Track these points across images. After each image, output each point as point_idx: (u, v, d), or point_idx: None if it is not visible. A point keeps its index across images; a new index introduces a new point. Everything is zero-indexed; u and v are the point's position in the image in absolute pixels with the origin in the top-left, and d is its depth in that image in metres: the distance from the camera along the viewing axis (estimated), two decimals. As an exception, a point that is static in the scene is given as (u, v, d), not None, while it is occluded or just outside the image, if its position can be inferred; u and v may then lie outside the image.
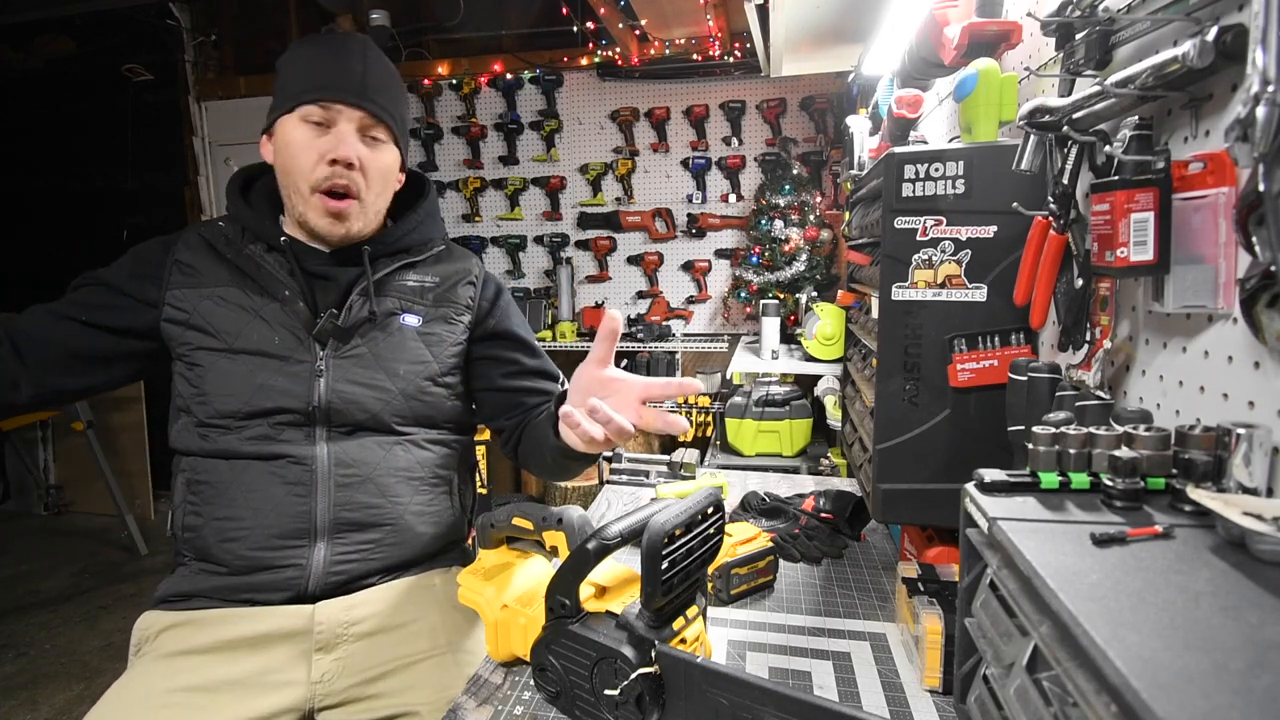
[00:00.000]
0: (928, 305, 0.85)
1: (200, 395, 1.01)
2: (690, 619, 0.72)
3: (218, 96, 3.90)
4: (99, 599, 3.02)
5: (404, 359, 1.06)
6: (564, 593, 0.70)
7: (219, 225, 1.08)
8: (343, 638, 0.98)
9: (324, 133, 1.00)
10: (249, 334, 1.01)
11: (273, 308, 1.03)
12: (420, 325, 1.09)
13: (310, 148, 0.99)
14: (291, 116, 1.00)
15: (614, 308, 3.59)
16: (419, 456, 1.07)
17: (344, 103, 0.99)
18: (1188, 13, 0.58)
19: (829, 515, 1.25)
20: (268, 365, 1.00)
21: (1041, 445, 0.51)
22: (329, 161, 0.99)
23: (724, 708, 0.62)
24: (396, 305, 1.08)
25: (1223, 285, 0.57)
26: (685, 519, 0.67)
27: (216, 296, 1.03)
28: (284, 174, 1.03)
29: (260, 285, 1.04)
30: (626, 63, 3.37)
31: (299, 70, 1.02)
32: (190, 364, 1.02)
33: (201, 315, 1.02)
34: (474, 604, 0.85)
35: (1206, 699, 0.27)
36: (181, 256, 1.05)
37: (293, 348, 1.02)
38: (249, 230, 1.06)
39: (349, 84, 1.00)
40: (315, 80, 0.99)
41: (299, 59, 1.03)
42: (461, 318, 1.13)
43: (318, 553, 0.99)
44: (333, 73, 1.00)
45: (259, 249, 1.05)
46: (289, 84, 1.01)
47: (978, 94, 0.86)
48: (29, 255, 4.35)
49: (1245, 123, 0.45)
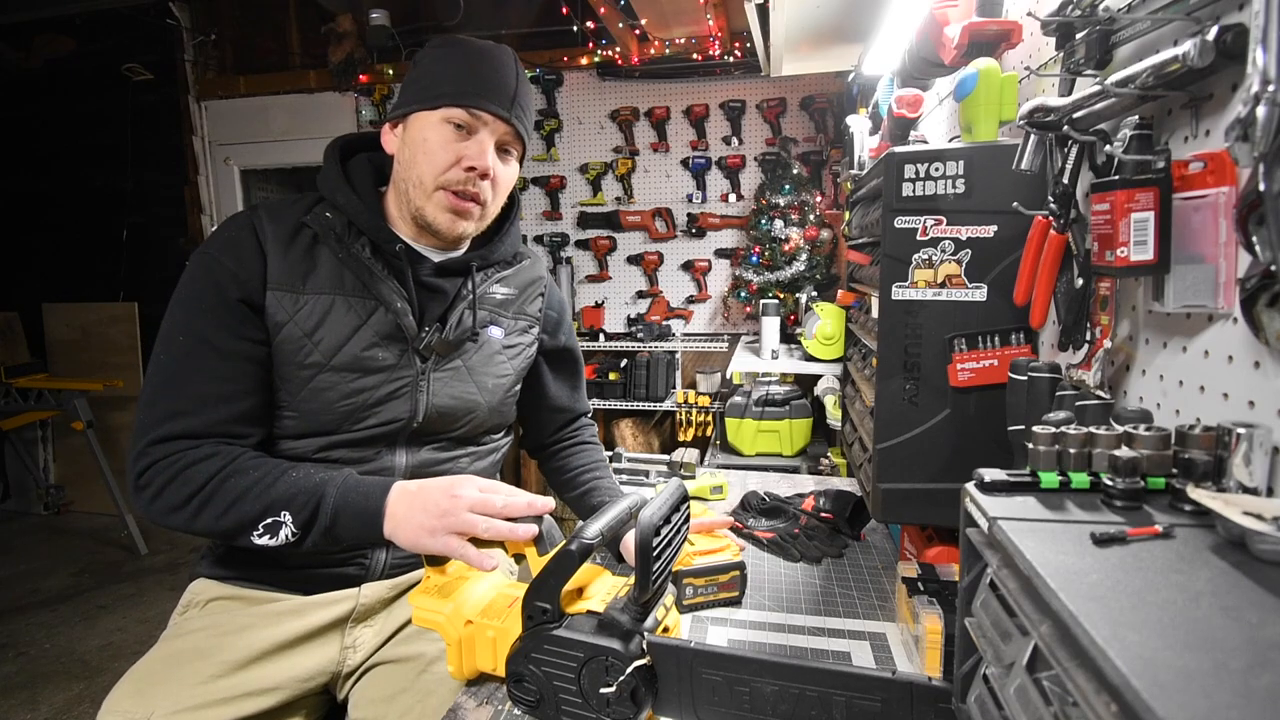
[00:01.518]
0: (928, 305, 0.85)
1: (291, 410, 0.94)
2: (669, 607, 0.73)
3: (217, 96, 3.90)
4: (99, 599, 3.02)
5: (492, 372, 1.07)
6: (546, 598, 0.70)
7: (327, 217, 0.97)
8: (377, 610, 1.03)
9: (464, 137, 0.97)
10: (352, 347, 0.95)
11: (380, 317, 0.97)
12: (504, 338, 1.10)
13: (449, 149, 0.96)
14: (433, 114, 0.96)
15: (614, 307, 3.60)
16: (478, 466, 1.10)
17: (492, 114, 0.96)
18: (1188, 12, 0.58)
19: (829, 515, 1.25)
20: (369, 381, 0.96)
21: (1041, 445, 0.51)
22: (466, 168, 0.96)
23: (719, 685, 0.64)
24: (486, 318, 1.08)
25: (1223, 285, 0.57)
26: (667, 511, 0.69)
27: (317, 301, 0.94)
28: (409, 166, 0.98)
29: (366, 290, 0.97)
30: (626, 62, 3.37)
31: (451, 70, 0.97)
32: (283, 378, 0.94)
33: (300, 324, 0.93)
34: (432, 624, 0.79)
35: (1206, 698, 0.27)
36: (272, 249, 0.94)
37: (396, 360, 0.98)
38: (355, 225, 0.98)
39: (501, 95, 0.97)
40: (468, 85, 0.96)
41: (451, 58, 0.98)
42: (532, 329, 1.15)
43: (380, 555, 1.02)
44: (487, 81, 0.97)
45: (364, 246, 0.98)
46: (436, 81, 0.97)
47: (978, 93, 0.86)
48: (29, 255, 4.35)
49: (1245, 122, 0.45)
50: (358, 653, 1.01)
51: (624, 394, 3.35)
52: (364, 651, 1.01)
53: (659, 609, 0.71)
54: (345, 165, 1.03)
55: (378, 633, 1.02)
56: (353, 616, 1.01)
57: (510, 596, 0.81)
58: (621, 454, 1.59)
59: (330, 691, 1.02)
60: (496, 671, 0.76)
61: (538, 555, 0.76)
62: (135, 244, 4.00)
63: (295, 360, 0.93)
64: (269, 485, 0.86)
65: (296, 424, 0.95)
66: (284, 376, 0.94)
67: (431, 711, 0.90)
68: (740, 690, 0.63)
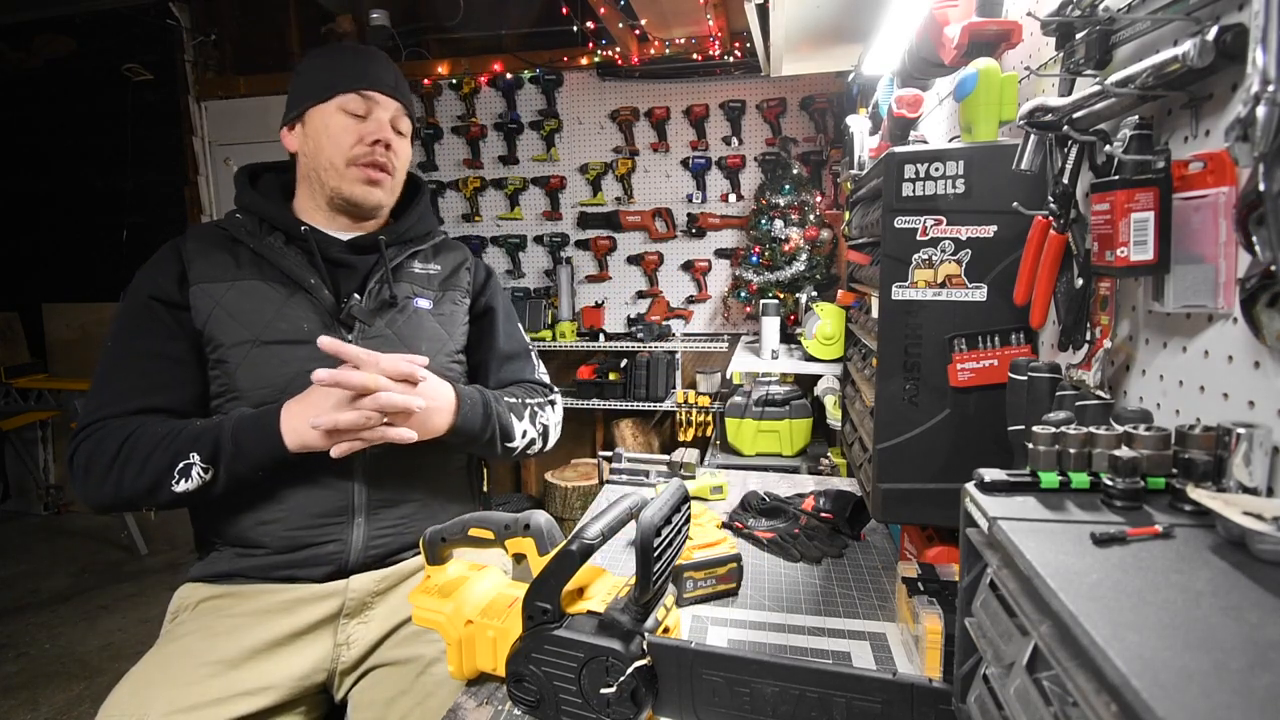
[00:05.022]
0: (928, 305, 0.85)
1: (233, 391, 1.02)
2: (669, 608, 0.73)
3: (217, 96, 3.90)
4: (99, 599, 3.02)
5: (424, 337, 1.14)
6: (546, 598, 0.70)
7: (237, 217, 1.10)
8: (369, 605, 1.04)
9: (361, 121, 1.08)
10: (277, 323, 1.03)
11: (298, 296, 1.06)
12: (432, 308, 1.17)
13: (350, 130, 1.08)
14: (328, 105, 1.08)
15: (614, 307, 3.60)
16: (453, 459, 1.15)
17: (383, 93, 1.10)
18: (1188, 12, 0.58)
19: (829, 515, 1.25)
20: (299, 353, 1.02)
21: (1041, 445, 0.51)
22: (371, 142, 1.08)
23: (720, 686, 0.64)
24: (409, 290, 1.15)
25: (1223, 285, 0.57)
26: (668, 511, 0.69)
27: (239, 289, 1.04)
28: (315, 155, 1.09)
29: (283, 274, 1.07)
30: (626, 62, 3.36)
31: (333, 66, 1.10)
32: (219, 360, 1.02)
33: (226, 308, 1.03)
34: (432, 624, 0.80)
35: (1207, 698, 0.27)
36: (193, 253, 1.06)
37: (324, 332, 1.04)
38: (266, 221, 1.09)
39: (385, 80, 1.11)
40: (354, 74, 1.08)
41: (330, 57, 1.12)
42: (464, 300, 1.23)
43: (357, 529, 1.04)
44: (369, 69, 1.10)
45: (277, 239, 1.08)
46: (322, 78, 1.09)
47: (978, 93, 0.86)
48: (29, 255, 4.35)
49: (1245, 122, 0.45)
50: (352, 649, 1.01)
51: (624, 394, 3.35)
52: (359, 648, 1.01)
53: (659, 609, 0.71)
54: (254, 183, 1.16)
55: (373, 630, 1.02)
56: (344, 611, 1.01)
57: (510, 596, 0.81)
58: (621, 454, 1.59)
59: (328, 690, 1.02)
60: (496, 671, 0.76)
61: (538, 555, 0.76)
62: (135, 244, 4.00)
63: (228, 340, 1.01)
64: (175, 436, 0.95)
65: (240, 403, 1.01)
66: (221, 358, 1.02)
67: (431, 713, 0.90)
68: (740, 691, 0.63)
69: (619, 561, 1.18)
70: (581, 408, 3.38)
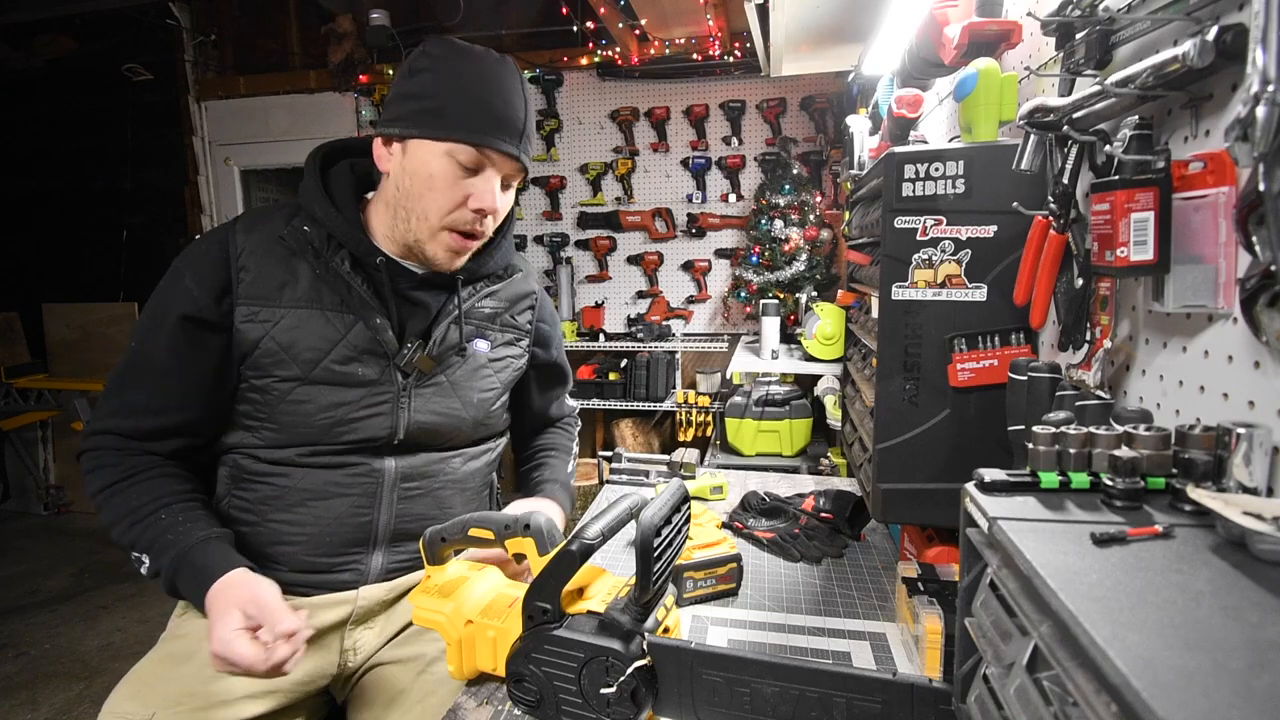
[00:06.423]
0: (928, 305, 0.85)
1: (271, 423, 0.95)
2: (669, 608, 0.73)
3: (218, 96, 3.90)
4: (99, 599, 3.02)
5: (477, 387, 1.06)
6: (546, 598, 0.70)
7: (305, 231, 0.95)
8: (377, 613, 1.03)
9: (470, 175, 0.93)
10: (330, 361, 0.94)
11: (359, 331, 0.95)
12: (489, 351, 1.08)
13: (455, 188, 0.92)
14: (438, 145, 0.91)
15: (614, 307, 3.60)
16: (471, 468, 1.10)
17: (502, 153, 0.93)
18: (1188, 12, 0.58)
19: (829, 515, 1.25)
20: (348, 395, 0.95)
21: (1041, 445, 0.51)
22: (475, 210, 0.94)
23: (720, 686, 0.64)
24: (473, 331, 1.06)
25: (1223, 285, 0.57)
26: (668, 511, 0.69)
27: (295, 316, 0.94)
28: (410, 196, 0.93)
29: (345, 304, 0.95)
30: (626, 62, 3.36)
31: (459, 97, 0.91)
32: (261, 389, 0.94)
33: (276, 338, 0.93)
34: (433, 624, 0.80)
35: (1206, 698, 0.27)
36: (245, 261, 0.94)
37: (375, 376, 0.97)
38: (334, 238, 0.96)
39: (511, 131, 0.93)
40: (478, 120, 0.91)
41: (457, 80, 0.91)
42: (521, 342, 1.14)
43: (375, 559, 1.01)
44: (498, 115, 0.92)
45: (344, 259, 0.95)
46: (442, 107, 0.90)
47: (978, 94, 0.86)
48: (29, 254, 4.35)
49: (1245, 122, 0.45)
50: (358, 655, 1.01)
51: (624, 394, 3.35)
52: (364, 654, 1.01)
53: (659, 609, 0.71)
54: (326, 175, 1.00)
55: (378, 634, 1.02)
56: (351, 619, 1.00)
57: (510, 596, 0.81)
58: (621, 454, 1.59)
59: (330, 693, 1.02)
60: (497, 671, 0.76)
61: (538, 555, 0.76)
62: (135, 244, 3.99)
63: (273, 372, 0.93)
64: (138, 519, 0.91)
65: (277, 435, 0.95)
66: (262, 388, 0.94)
67: (432, 712, 0.90)
68: (740, 691, 0.63)
69: (619, 561, 1.18)
70: (581, 408, 3.38)
